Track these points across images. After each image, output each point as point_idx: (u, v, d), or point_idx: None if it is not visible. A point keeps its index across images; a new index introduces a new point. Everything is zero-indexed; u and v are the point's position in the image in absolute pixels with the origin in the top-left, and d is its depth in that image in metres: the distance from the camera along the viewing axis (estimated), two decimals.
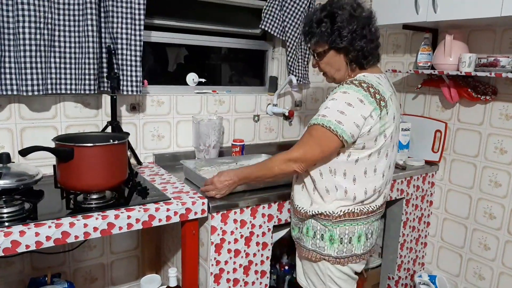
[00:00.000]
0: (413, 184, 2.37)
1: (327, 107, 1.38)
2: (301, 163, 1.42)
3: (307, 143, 1.41)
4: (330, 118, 1.36)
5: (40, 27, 1.66)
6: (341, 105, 1.36)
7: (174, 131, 2.21)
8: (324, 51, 1.45)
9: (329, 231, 1.48)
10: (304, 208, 1.52)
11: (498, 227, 2.25)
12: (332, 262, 1.50)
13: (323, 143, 1.38)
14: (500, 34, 2.16)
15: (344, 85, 1.41)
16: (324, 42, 1.43)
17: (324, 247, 1.49)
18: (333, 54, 1.45)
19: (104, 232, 1.39)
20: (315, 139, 1.39)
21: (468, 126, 2.35)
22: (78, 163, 1.42)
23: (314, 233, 1.51)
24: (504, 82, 2.15)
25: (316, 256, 1.51)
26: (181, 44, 2.32)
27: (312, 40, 1.45)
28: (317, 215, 1.48)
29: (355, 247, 1.50)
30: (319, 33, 1.42)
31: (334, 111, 1.36)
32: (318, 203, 1.48)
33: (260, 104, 2.50)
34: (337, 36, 1.39)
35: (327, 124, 1.35)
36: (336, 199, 1.46)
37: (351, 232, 1.49)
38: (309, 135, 1.41)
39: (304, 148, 1.41)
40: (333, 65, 1.47)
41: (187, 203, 1.56)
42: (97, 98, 1.95)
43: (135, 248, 2.20)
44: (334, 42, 1.40)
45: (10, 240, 1.23)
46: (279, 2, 2.34)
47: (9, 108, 1.76)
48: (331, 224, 1.47)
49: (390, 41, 2.75)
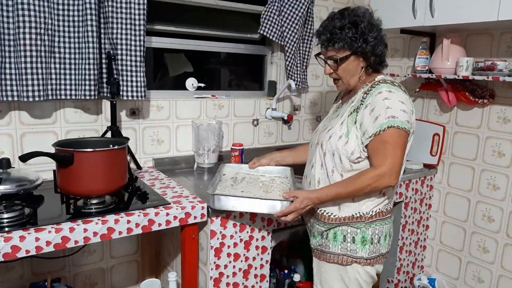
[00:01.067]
0: (411, 187, 2.38)
1: (389, 108, 1.37)
2: (391, 174, 1.39)
3: (388, 151, 1.38)
4: (400, 118, 1.37)
5: (41, 33, 1.67)
6: (399, 104, 1.39)
7: (174, 136, 2.22)
8: (346, 56, 1.45)
9: (362, 232, 1.48)
10: (333, 213, 1.50)
11: (496, 230, 2.25)
12: (363, 264, 1.50)
13: (400, 144, 1.40)
14: (498, 37, 2.17)
15: (382, 85, 1.43)
16: (348, 47, 1.44)
17: (356, 250, 1.49)
18: (353, 60, 1.46)
19: (104, 236, 1.40)
20: (393, 144, 1.38)
21: (466, 129, 2.36)
22: (78, 168, 1.43)
23: (343, 236, 1.49)
24: (501, 85, 2.16)
25: (347, 260, 1.50)
26: (181, 50, 2.33)
27: (335, 45, 1.44)
28: (349, 218, 1.48)
29: (382, 246, 1.53)
30: (343, 39, 1.42)
31: (398, 110, 1.38)
32: (348, 206, 1.48)
33: (259, 108, 2.51)
34: (362, 41, 1.43)
35: (400, 125, 1.37)
36: (368, 199, 1.47)
37: (380, 231, 1.51)
38: (385, 142, 1.38)
39: (388, 158, 1.38)
40: (350, 71, 1.48)
41: (187, 208, 1.57)
42: (97, 103, 1.96)
43: (135, 252, 2.20)
44: (360, 47, 1.43)
45: (10, 245, 1.24)
46: (277, 8, 2.35)
47: (9, 114, 1.77)
48: (364, 225, 1.48)
49: (388, 45, 2.74)
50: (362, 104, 1.44)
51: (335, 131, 1.49)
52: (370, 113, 1.40)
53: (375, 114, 1.39)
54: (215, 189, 1.59)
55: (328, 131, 1.51)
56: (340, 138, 1.45)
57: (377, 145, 1.39)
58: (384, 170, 1.38)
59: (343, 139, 1.45)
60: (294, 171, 1.82)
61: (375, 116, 1.39)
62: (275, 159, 1.86)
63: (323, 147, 1.50)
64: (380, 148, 1.39)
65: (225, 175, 1.81)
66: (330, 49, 1.47)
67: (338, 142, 1.45)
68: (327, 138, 1.49)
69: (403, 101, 1.40)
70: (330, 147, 1.48)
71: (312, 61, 2.61)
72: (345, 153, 1.44)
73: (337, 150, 1.46)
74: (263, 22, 2.35)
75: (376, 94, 1.41)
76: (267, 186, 1.69)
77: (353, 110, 1.47)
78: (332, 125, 1.52)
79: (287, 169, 1.84)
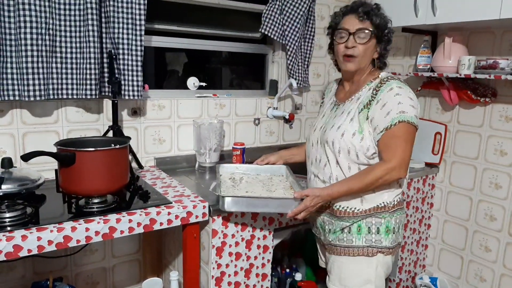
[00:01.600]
0: (413, 186, 2.37)
1: (400, 103, 1.41)
2: (401, 167, 1.43)
3: (398, 145, 1.42)
4: (410, 114, 1.41)
5: (42, 32, 1.67)
6: (408, 100, 1.43)
7: (175, 135, 2.22)
8: (376, 36, 1.50)
9: (386, 222, 1.51)
10: (356, 207, 1.51)
11: (499, 229, 2.25)
12: (386, 254, 1.53)
13: (410, 139, 1.44)
14: (500, 36, 2.16)
15: (392, 81, 1.47)
16: (381, 28, 1.50)
17: (380, 240, 1.51)
18: (374, 44, 1.52)
19: (105, 236, 1.40)
20: (403, 138, 1.42)
21: (468, 128, 2.35)
22: (79, 168, 1.43)
23: (368, 228, 1.51)
24: (503, 84, 2.16)
25: (372, 251, 1.51)
26: (182, 49, 2.33)
27: (373, 19, 1.48)
28: (374, 209, 1.50)
29: (400, 235, 1.58)
30: (382, 18, 1.50)
31: (408, 106, 1.42)
32: (370, 198, 1.50)
33: (261, 107, 2.51)
34: (390, 32, 1.53)
35: (410, 120, 1.41)
36: (388, 190, 1.51)
37: (400, 220, 1.56)
38: (395, 136, 1.42)
39: (398, 151, 1.42)
40: (368, 53, 1.51)
41: (188, 207, 1.57)
42: (98, 103, 1.97)
43: (137, 251, 2.20)
44: (385, 36, 1.51)
45: (12, 244, 1.24)
46: (278, 6, 2.35)
47: (11, 113, 1.78)
48: (388, 214, 1.51)
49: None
50: (373, 100, 1.46)
51: (346, 128, 1.49)
52: (381, 108, 1.43)
53: (387, 109, 1.42)
54: (221, 191, 1.58)
55: (338, 129, 1.50)
56: (354, 135, 1.47)
57: (388, 139, 1.43)
58: (394, 163, 1.42)
59: (357, 136, 1.46)
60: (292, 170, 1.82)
61: (386, 111, 1.42)
62: (284, 157, 1.87)
63: (335, 145, 1.50)
64: (390, 143, 1.42)
65: (221, 176, 1.80)
66: (366, 21, 1.49)
67: (353, 140, 1.47)
68: (339, 136, 1.49)
69: (411, 97, 1.45)
70: (344, 144, 1.48)
71: (314, 60, 2.61)
72: (361, 150, 1.47)
73: (353, 148, 1.47)
74: (264, 21, 2.34)
75: (388, 91, 1.44)
76: (268, 185, 1.70)
77: (363, 107, 1.48)
78: (340, 123, 1.51)
79: (282, 167, 1.84)
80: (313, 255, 1.89)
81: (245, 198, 1.51)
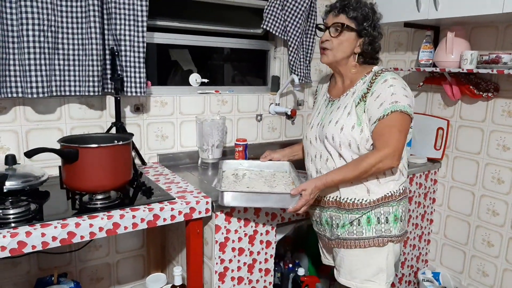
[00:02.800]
0: (415, 181, 2.37)
1: (393, 94, 1.45)
2: (394, 155, 1.45)
3: (391, 134, 1.44)
4: (402, 103, 1.44)
5: (44, 29, 1.68)
6: (402, 90, 1.47)
7: (178, 131, 2.22)
8: (351, 28, 1.51)
9: (394, 210, 1.54)
10: (363, 198, 1.53)
11: (501, 224, 2.25)
12: (396, 242, 1.56)
13: (404, 128, 1.47)
14: (503, 30, 2.16)
15: (386, 73, 1.50)
16: (358, 22, 1.52)
17: (389, 229, 1.53)
18: (353, 38, 1.53)
19: (109, 232, 1.41)
20: (396, 127, 1.45)
21: (470, 123, 2.35)
22: (83, 164, 1.44)
23: (377, 219, 1.53)
24: (506, 79, 2.15)
25: (383, 241, 1.53)
26: (184, 45, 2.33)
27: (349, 13, 1.51)
28: (382, 199, 1.52)
29: (406, 223, 1.62)
30: (359, 11, 1.51)
31: (401, 95, 1.45)
32: (376, 189, 1.52)
33: (263, 103, 2.51)
34: (373, 25, 1.53)
35: (402, 109, 1.43)
36: (392, 179, 1.54)
37: (406, 208, 1.61)
38: (389, 126, 1.44)
39: (391, 140, 1.44)
40: (344, 47, 1.54)
41: (191, 203, 1.58)
42: (101, 100, 1.97)
43: (141, 247, 2.22)
44: (366, 30, 1.52)
45: (17, 241, 1.25)
46: (280, 2, 2.35)
47: (14, 110, 1.78)
48: (396, 203, 1.54)
49: (392, 39, 2.75)
50: (368, 92, 1.49)
51: (345, 122, 1.51)
52: (375, 100, 1.47)
53: (381, 100, 1.45)
54: (222, 186, 1.59)
55: (336, 124, 1.52)
56: (353, 128, 1.49)
57: (381, 128, 1.45)
58: (387, 152, 1.44)
59: (356, 129, 1.49)
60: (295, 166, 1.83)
61: (380, 102, 1.45)
62: (287, 156, 1.90)
63: (335, 139, 1.52)
64: (384, 131, 1.45)
65: (225, 172, 1.82)
66: (341, 15, 1.52)
67: (353, 132, 1.49)
68: (339, 131, 1.51)
69: (404, 87, 1.49)
70: (345, 138, 1.50)
71: (315, 55, 2.60)
72: (362, 142, 1.49)
73: (353, 140, 1.49)
74: (266, 17, 2.34)
75: (382, 82, 1.48)
76: (270, 181, 1.71)
77: (359, 100, 1.51)
78: (337, 118, 1.53)
79: (285, 164, 1.87)
80: (315, 250, 1.89)
81: (244, 193, 1.52)
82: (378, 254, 1.55)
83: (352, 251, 1.56)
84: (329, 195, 1.58)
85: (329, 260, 1.78)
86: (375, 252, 1.54)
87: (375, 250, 1.54)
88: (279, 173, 1.83)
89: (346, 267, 1.59)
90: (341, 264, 1.60)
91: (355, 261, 1.57)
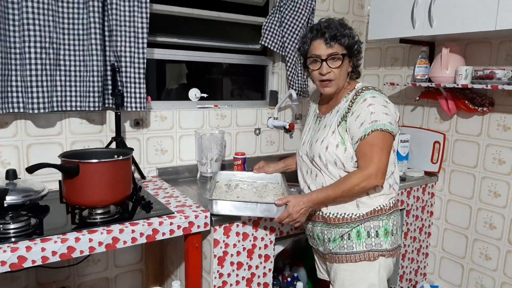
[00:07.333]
0: (413, 195, 2.39)
1: (372, 113, 1.45)
2: (377, 174, 1.45)
3: (374, 153, 1.45)
4: (382, 121, 1.44)
5: (46, 46, 1.71)
6: (381, 108, 1.47)
7: (177, 146, 2.24)
8: (347, 55, 1.53)
9: (384, 224, 1.54)
10: (352, 213, 1.54)
11: (498, 237, 2.26)
12: (387, 256, 1.55)
13: (386, 146, 1.47)
14: (496, 46, 2.19)
15: (366, 92, 1.50)
16: (351, 47, 1.53)
17: (380, 243, 1.53)
18: (347, 61, 1.55)
19: (109, 246, 1.42)
20: (378, 145, 1.45)
21: (466, 137, 2.38)
22: (83, 179, 1.45)
23: (367, 233, 1.53)
24: (500, 93, 2.18)
25: (374, 255, 1.53)
26: (183, 61, 2.36)
27: (342, 41, 1.50)
28: (371, 213, 1.53)
29: (399, 237, 1.60)
30: (348, 37, 1.52)
31: (381, 114, 1.45)
32: (365, 203, 1.53)
33: (261, 117, 2.53)
34: (358, 45, 1.56)
35: (383, 127, 1.44)
36: (382, 194, 1.54)
37: (397, 222, 1.59)
38: (370, 145, 1.45)
39: (374, 159, 1.45)
40: (344, 72, 1.55)
41: (190, 217, 1.59)
42: (101, 115, 1.99)
43: (139, 261, 2.22)
44: (356, 50, 1.55)
45: (17, 255, 1.26)
46: (278, 19, 2.39)
47: (16, 125, 1.80)
48: (386, 217, 1.54)
49: (388, 54, 2.79)
50: (349, 112, 1.51)
51: (330, 141, 1.53)
52: (355, 120, 1.48)
53: (361, 120, 1.46)
54: (211, 195, 1.67)
55: (322, 143, 1.55)
56: (338, 146, 1.51)
57: (363, 148, 1.47)
58: (370, 171, 1.44)
59: (340, 147, 1.51)
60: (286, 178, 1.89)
61: (360, 122, 1.46)
62: (280, 170, 1.94)
63: (322, 158, 1.54)
64: (366, 151, 1.46)
65: (218, 182, 1.90)
66: (335, 45, 1.51)
67: (337, 151, 1.51)
68: (324, 150, 1.53)
69: (385, 104, 1.49)
70: (330, 156, 1.52)
71: None
72: (346, 160, 1.50)
73: (338, 159, 1.51)
74: (264, 33, 2.38)
75: (362, 102, 1.49)
76: (261, 191, 1.78)
77: (341, 119, 1.53)
78: (323, 136, 1.56)
79: (278, 175, 1.93)
80: (313, 264, 1.90)
81: (232, 202, 1.58)
82: (369, 269, 1.54)
83: (344, 266, 1.57)
84: (318, 211, 1.61)
85: (323, 275, 1.79)
86: (366, 266, 1.54)
87: (367, 265, 1.54)
88: (272, 184, 1.90)
89: (339, 282, 1.59)
90: (335, 279, 1.61)
91: (347, 276, 1.57)
